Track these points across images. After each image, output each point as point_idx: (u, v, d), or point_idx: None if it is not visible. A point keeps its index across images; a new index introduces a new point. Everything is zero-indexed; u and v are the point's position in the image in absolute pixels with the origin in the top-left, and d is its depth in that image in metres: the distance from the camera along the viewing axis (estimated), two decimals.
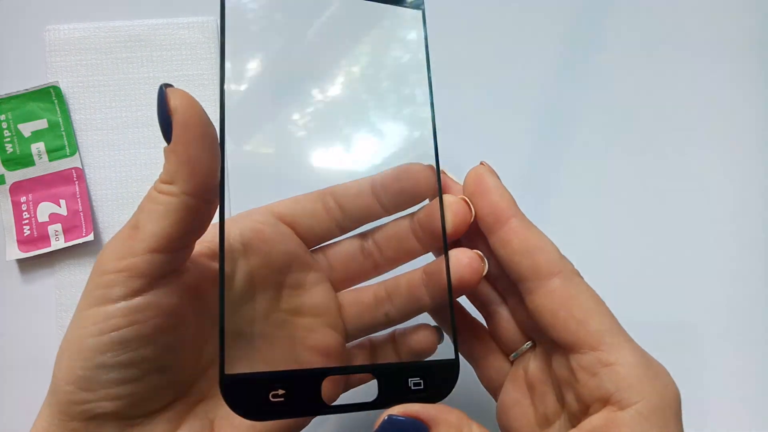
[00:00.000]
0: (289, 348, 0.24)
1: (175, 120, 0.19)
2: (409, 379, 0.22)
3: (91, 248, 0.36)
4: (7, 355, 0.35)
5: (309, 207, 0.25)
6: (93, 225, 0.36)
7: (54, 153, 0.37)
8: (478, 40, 0.40)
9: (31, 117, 0.37)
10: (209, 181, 0.20)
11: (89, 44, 0.38)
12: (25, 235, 0.36)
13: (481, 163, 0.25)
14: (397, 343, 0.27)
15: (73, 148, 0.37)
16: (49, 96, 0.37)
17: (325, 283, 0.26)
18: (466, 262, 0.24)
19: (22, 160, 0.36)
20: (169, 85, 0.20)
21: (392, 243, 0.26)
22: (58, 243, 0.36)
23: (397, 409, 0.20)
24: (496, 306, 0.26)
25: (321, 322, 0.25)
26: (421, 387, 0.22)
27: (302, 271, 0.25)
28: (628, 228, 0.39)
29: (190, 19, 0.38)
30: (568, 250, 0.23)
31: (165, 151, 0.20)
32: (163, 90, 0.20)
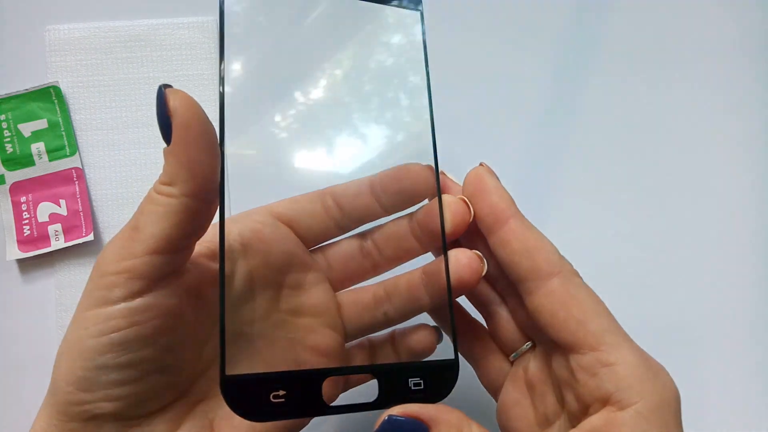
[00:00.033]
0: (289, 348, 0.24)
1: (175, 121, 0.19)
2: (410, 380, 0.22)
3: (91, 248, 0.36)
4: (7, 355, 0.35)
5: (308, 207, 0.25)
6: (93, 225, 0.36)
7: (54, 153, 0.37)
8: (477, 40, 0.40)
9: (31, 117, 0.37)
10: (209, 182, 0.20)
11: (89, 44, 0.38)
12: (25, 235, 0.36)
13: (480, 164, 0.25)
14: (397, 343, 0.27)
15: (73, 148, 0.37)
16: (49, 96, 0.37)
17: (324, 283, 0.26)
18: (465, 262, 0.24)
19: (22, 160, 0.36)
20: (169, 86, 0.20)
21: (391, 243, 0.26)
22: (58, 243, 0.36)
23: (397, 410, 0.20)
24: (495, 306, 0.26)
25: (320, 322, 0.25)
26: (421, 387, 0.22)
27: (301, 271, 0.25)
28: (628, 228, 0.39)
29: (190, 19, 0.38)
30: (568, 251, 0.23)
31: (164, 152, 0.20)
32: (163, 91, 0.19)
